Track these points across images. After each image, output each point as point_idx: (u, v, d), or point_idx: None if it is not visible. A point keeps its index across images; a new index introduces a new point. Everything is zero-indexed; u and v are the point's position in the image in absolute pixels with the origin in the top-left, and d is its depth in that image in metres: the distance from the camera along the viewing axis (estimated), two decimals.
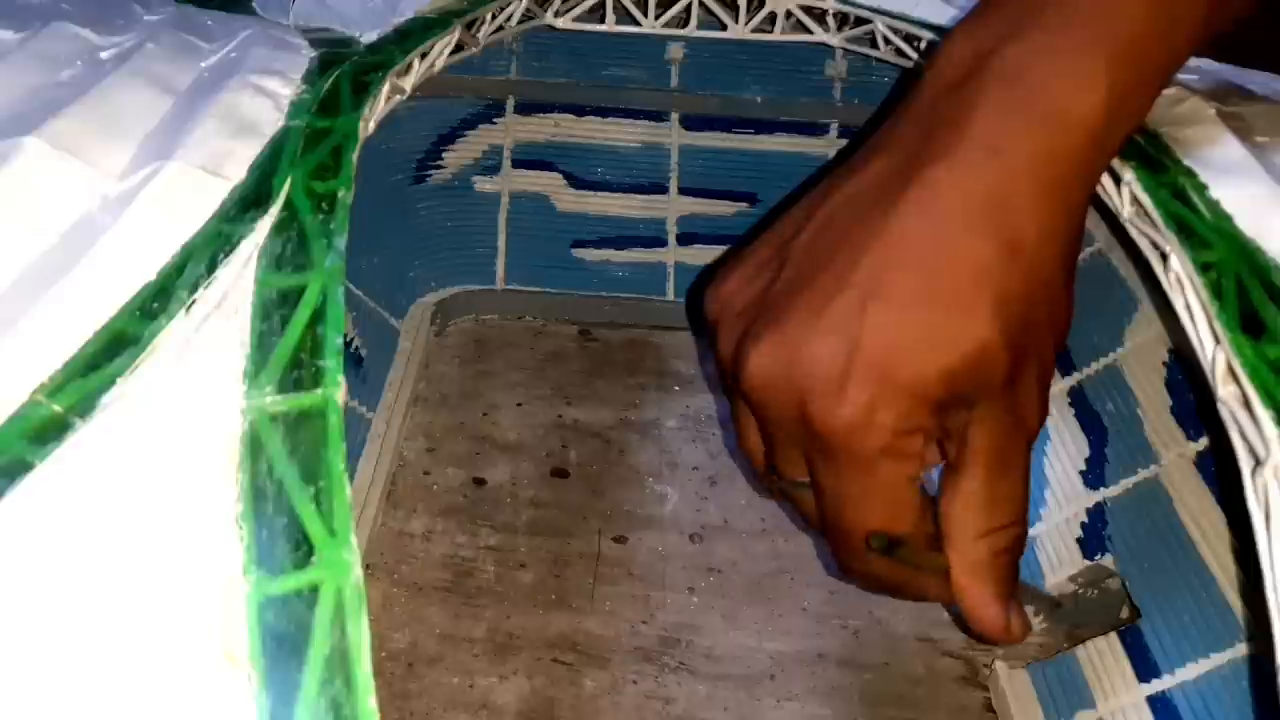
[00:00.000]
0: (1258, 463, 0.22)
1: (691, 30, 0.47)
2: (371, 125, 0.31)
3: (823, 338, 0.25)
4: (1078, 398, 0.39)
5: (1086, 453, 0.38)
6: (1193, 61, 0.28)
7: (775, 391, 0.26)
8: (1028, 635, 0.29)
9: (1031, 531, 0.39)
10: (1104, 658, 0.34)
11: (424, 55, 0.36)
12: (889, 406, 0.25)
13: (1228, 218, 0.26)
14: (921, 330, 0.25)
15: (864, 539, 0.27)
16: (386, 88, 0.32)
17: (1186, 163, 0.28)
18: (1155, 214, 0.27)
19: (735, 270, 0.29)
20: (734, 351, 0.28)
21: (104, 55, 0.32)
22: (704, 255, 0.53)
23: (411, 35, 0.36)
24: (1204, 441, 0.33)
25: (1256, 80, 0.36)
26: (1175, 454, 0.34)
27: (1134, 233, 0.28)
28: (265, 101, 0.30)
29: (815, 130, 0.52)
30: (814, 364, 0.25)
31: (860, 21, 0.43)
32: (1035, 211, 0.25)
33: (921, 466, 0.26)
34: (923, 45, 0.41)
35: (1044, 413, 0.27)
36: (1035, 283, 0.25)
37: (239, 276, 0.23)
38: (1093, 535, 0.37)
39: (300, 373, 0.21)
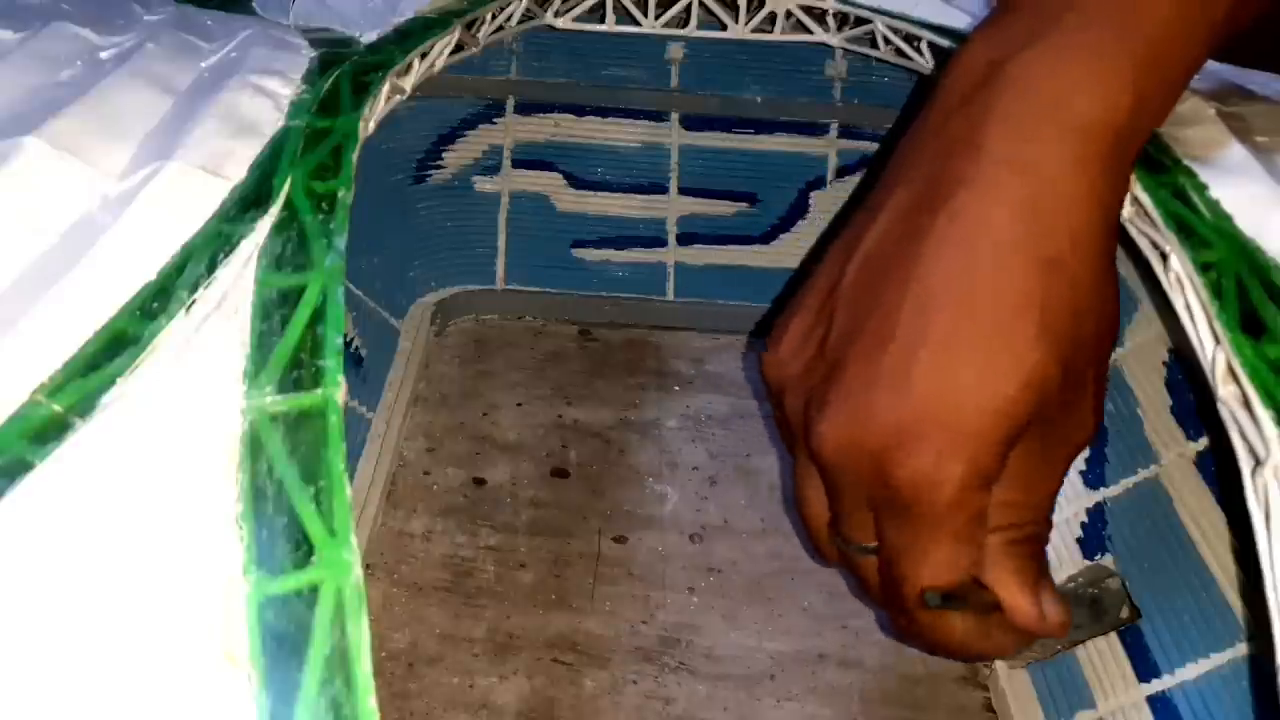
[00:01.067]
0: (1258, 463, 0.22)
1: (691, 30, 0.47)
2: (371, 125, 0.31)
3: (882, 392, 0.25)
4: None
5: (1086, 453, 0.38)
6: None
7: (848, 453, 0.26)
8: (1068, 626, 0.28)
9: None
10: (1104, 658, 0.34)
11: (424, 55, 0.36)
12: (957, 455, 0.24)
13: (1228, 218, 0.26)
14: (973, 370, 0.24)
15: (919, 597, 0.27)
16: (386, 88, 0.32)
17: (1186, 163, 0.28)
18: (1155, 214, 0.27)
19: (787, 330, 0.29)
20: (802, 418, 0.27)
21: (104, 55, 0.32)
22: (704, 255, 0.53)
23: (411, 35, 0.36)
24: (1204, 441, 0.33)
25: (1256, 80, 0.35)
26: (1175, 454, 0.34)
27: (1134, 233, 0.28)
28: (265, 101, 0.30)
29: (815, 130, 0.52)
30: (877, 423, 0.25)
31: (860, 21, 0.43)
32: (1068, 222, 0.25)
33: (986, 525, 0.26)
34: (922, 45, 0.40)
35: (1099, 422, 0.27)
36: (1079, 294, 0.25)
37: (239, 276, 0.23)
38: (1093, 535, 0.37)
39: (300, 373, 0.21)
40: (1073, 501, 0.38)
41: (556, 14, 0.45)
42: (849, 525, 0.28)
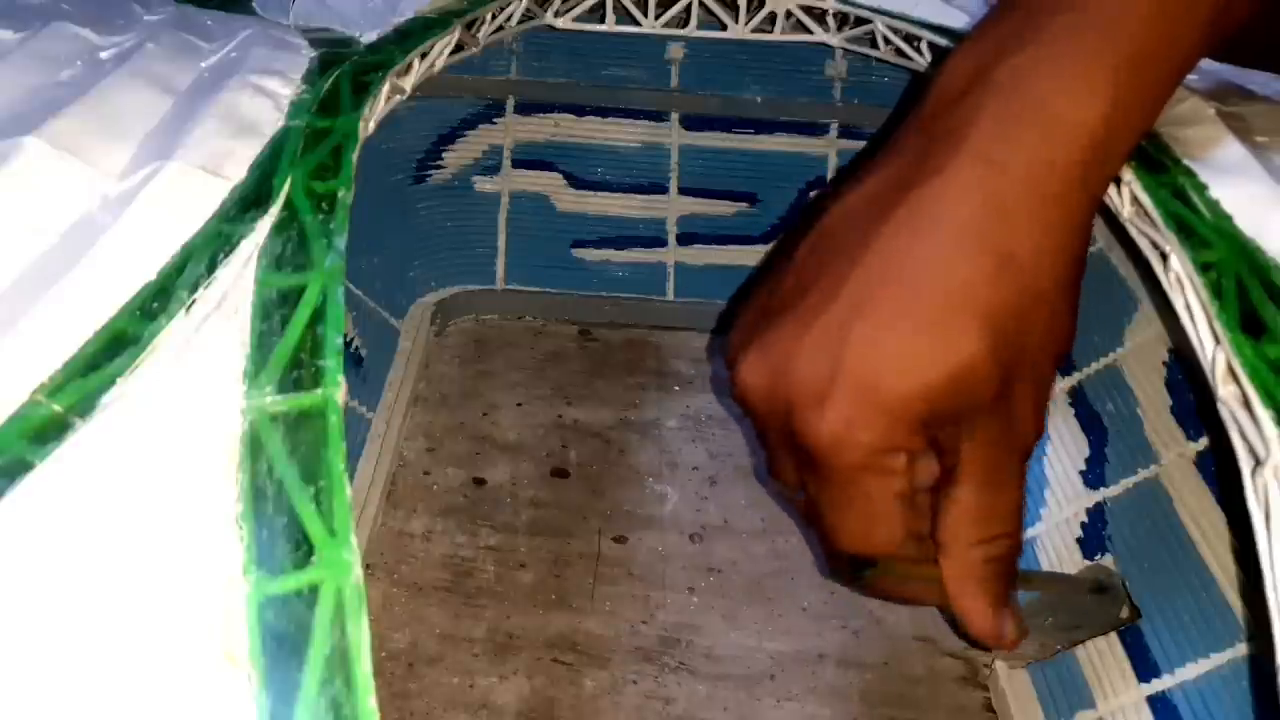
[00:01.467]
0: (1258, 463, 0.22)
1: (691, 30, 0.47)
2: (371, 125, 0.31)
3: (807, 352, 0.26)
4: (1078, 398, 0.39)
5: (1086, 453, 0.38)
6: None
7: (760, 401, 0.27)
8: (1022, 641, 0.29)
9: (1031, 531, 0.39)
10: (1104, 658, 0.34)
11: (424, 55, 0.36)
12: (868, 425, 0.25)
13: (1227, 217, 0.26)
14: (904, 348, 0.25)
15: (834, 566, 0.28)
16: (386, 88, 0.32)
17: (1186, 163, 0.28)
18: (1155, 214, 0.27)
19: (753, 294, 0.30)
20: (732, 361, 0.28)
21: (104, 55, 0.32)
22: (704, 255, 0.53)
23: (411, 35, 0.36)
24: (1204, 441, 0.33)
25: (1256, 80, 0.36)
26: (1175, 454, 0.34)
27: (1134, 233, 0.28)
28: (265, 101, 0.30)
29: (815, 130, 0.52)
30: (797, 377, 0.26)
31: (860, 21, 0.43)
32: (1030, 224, 0.25)
33: (909, 483, 0.26)
34: (922, 45, 0.40)
35: (1040, 427, 0.27)
36: (1028, 297, 0.25)
37: (239, 276, 0.23)
38: (1093, 535, 0.37)
39: (300, 373, 0.21)
40: (1073, 501, 0.38)
41: (556, 14, 0.45)
42: (775, 467, 0.29)
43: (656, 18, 0.46)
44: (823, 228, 0.28)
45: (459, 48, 0.39)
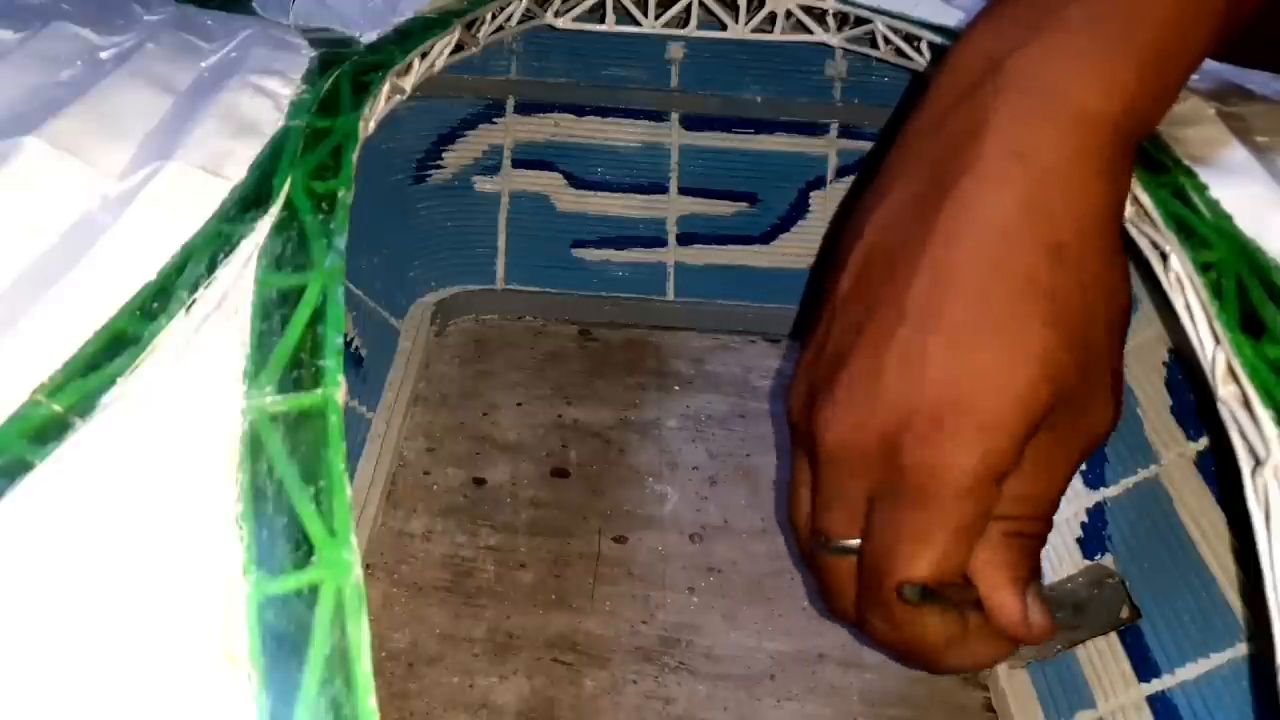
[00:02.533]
0: (1258, 463, 0.22)
1: (691, 30, 0.47)
2: (371, 125, 0.31)
3: (892, 377, 0.25)
4: None
5: None
6: None
7: (853, 438, 0.26)
8: (1049, 634, 0.27)
9: None
10: (1104, 658, 0.34)
11: (424, 55, 0.36)
12: (974, 445, 0.24)
13: (1228, 217, 0.26)
14: (989, 357, 0.24)
15: (896, 589, 0.26)
16: (386, 88, 0.32)
17: (1186, 163, 0.28)
18: (1155, 214, 0.27)
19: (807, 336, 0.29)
20: (804, 409, 0.27)
21: (104, 55, 0.32)
22: (704, 255, 0.53)
23: (411, 35, 0.36)
24: (1204, 441, 0.33)
25: (1256, 80, 0.36)
26: (1175, 454, 0.34)
27: (1134, 233, 0.28)
28: (265, 101, 0.30)
29: (815, 130, 0.52)
30: (890, 404, 0.25)
31: (860, 21, 0.43)
32: (1071, 211, 0.25)
33: (988, 521, 0.25)
34: (922, 45, 0.40)
35: (1116, 416, 0.26)
36: (1085, 281, 0.25)
37: (239, 276, 0.23)
38: (1093, 535, 0.37)
39: (300, 373, 0.21)
40: (1073, 501, 0.38)
41: (556, 14, 0.45)
42: (832, 519, 0.28)
43: (656, 18, 0.46)
44: (864, 252, 0.27)
45: (459, 48, 0.39)
